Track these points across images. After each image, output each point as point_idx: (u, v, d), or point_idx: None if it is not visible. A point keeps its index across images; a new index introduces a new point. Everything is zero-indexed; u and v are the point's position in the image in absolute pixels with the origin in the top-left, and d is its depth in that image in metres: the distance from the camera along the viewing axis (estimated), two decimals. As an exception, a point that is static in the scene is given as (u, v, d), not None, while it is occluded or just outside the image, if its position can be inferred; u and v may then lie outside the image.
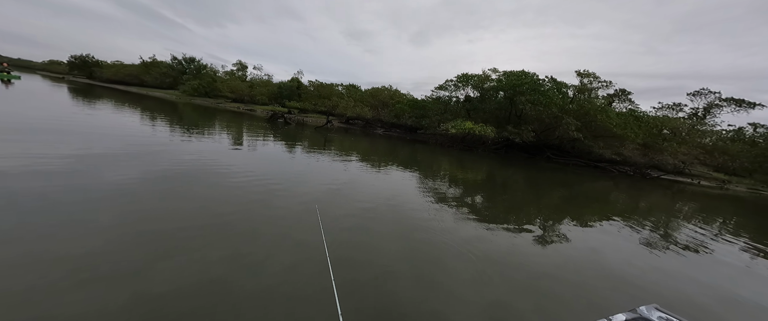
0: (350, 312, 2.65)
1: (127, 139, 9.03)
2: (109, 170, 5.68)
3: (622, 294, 3.78)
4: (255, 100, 47.05)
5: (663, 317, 1.85)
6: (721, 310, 3.74)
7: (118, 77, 61.77)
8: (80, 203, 4.15)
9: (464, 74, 28.19)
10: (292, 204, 5.30)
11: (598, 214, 8.01)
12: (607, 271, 4.35)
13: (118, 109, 17.46)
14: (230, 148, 10.28)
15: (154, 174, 5.89)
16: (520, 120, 24.22)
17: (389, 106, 34.03)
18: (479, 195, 8.78)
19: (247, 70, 61.53)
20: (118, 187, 4.93)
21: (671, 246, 5.99)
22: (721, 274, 4.94)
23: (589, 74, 26.08)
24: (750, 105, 31.85)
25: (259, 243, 3.74)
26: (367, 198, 6.36)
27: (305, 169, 8.66)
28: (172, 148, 8.62)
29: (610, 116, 21.91)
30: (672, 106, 34.91)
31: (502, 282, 3.60)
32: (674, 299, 3.80)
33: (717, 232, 7.95)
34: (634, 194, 13.58)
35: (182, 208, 4.50)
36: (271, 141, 13.79)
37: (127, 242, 3.37)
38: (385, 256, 3.85)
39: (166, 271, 2.94)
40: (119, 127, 11.10)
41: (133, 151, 7.44)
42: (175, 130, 12.40)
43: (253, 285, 2.89)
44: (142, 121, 14.15)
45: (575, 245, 5.24)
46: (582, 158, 23.70)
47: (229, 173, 6.73)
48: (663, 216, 9.30)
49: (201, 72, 53.24)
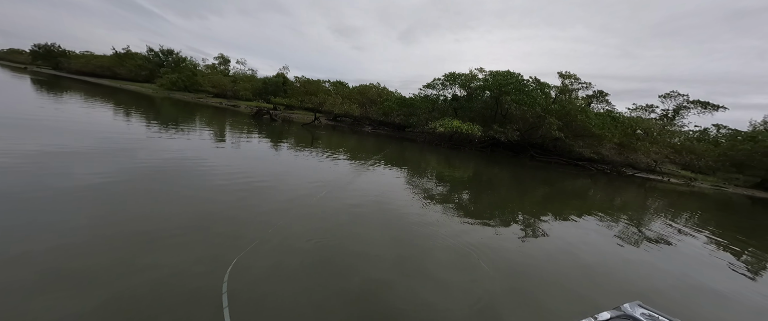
0: (339, 294, 2.60)
1: (100, 134, 8.47)
2: (80, 168, 5.30)
3: (599, 286, 3.93)
4: (238, 96, 45.57)
5: (646, 313, 1.92)
6: (684, 297, 3.99)
7: (88, 69, 57.94)
8: (49, 203, 3.83)
9: (452, 73, 28.50)
10: (278, 201, 5.15)
11: (578, 211, 8.33)
12: (584, 265, 4.51)
13: (88, 103, 16.37)
14: (214, 145, 9.88)
15: (133, 172, 5.55)
16: (505, 119, 24.81)
17: (377, 104, 33.93)
18: (466, 192, 8.92)
19: (229, 64, 59.45)
20: (91, 185, 4.60)
21: (644, 240, 6.31)
22: (686, 264, 5.26)
23: (570, 76, 27.05)
24: (714, 107, 34.18)
25: (244, 242, 3.60)
26: (357, 195, 6.31)
27: (290, 167, 8.46)
28: (151, 145, 8.17)
29: (589, 117, 22.85)
30: (645, 107, 36.88)
31: (487, 278, 3.65)
32: (648, 290, 4.00)
33: (683, 226, 8.47)
34: (611, 191, 14.24)
35: (163, 209, 4.26)
36: (257, 138, 13.39)
37: (101, 244, 3.15)
38: (375, 246, 3.82)
39: (144, 272, 2.76)
40: (91, 122, 10.40)
41: (108, 148, 6.98)
42: (152, 126, 11.77)
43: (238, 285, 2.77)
44: (115, 115, 13.34)
45: (555, 241, 5.41)
46: (563, 157, 24.62)
47: (211, 172, 6.45)
48: (637, 212, 9.80)
49: (180, 65, 50.83)
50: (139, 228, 3.63)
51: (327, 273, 3.26)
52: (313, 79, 45.67)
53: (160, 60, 54.34)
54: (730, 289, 4.46)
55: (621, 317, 1.86)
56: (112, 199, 4.31)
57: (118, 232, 3.46)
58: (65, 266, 2.77)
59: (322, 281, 3.09)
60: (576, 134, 23.54)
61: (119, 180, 5.10)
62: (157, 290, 2.63)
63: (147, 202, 4.41)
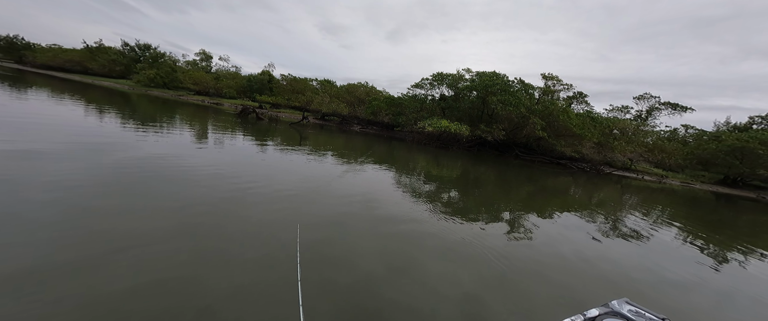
0: (320, 291, 2.59)
1: (71, 132, 7.98)
2: (51, 167, 4.98)
3: (580, 279, 4.12)
4: (221, 93, 44.16)
5: (632, 310, 2.00)
6: (654, 287, 4.28)
7: (56, 63, 54.35)
8: (14, 204, 3.58)
9: (439, 73, 28.84)
10: (268, 199, 5.04)
11: (561, 208, 8.68)
12: (566, 261, 4.72)
13: (57, 99, 15.36)
14: (198, 145, 9.53)
15: (108, 172, 5.27)
16: (492, 119, 25.38)
17: (365, 103, 33.82)
18: (455, 191, 9.08)
19: (211, 60, 57.47)
20: (62, 185, 4.33)
21: (620, 235, 6.66)
22: (657, 256, 5.61)
23: (553, 77, 27.99)
24: (683, 109, 36.37)
25: (230, 240, 3.51)
26: (346, 193, 6.31)
27: (281, 166, 8.30)
28: (129, 144, 7.78)
29: (570, 117, 23.76)
30: (621, 108, 38.75)
31: (472, 275, 3.74)
32: (622, 282, 4.25)
33: (655, 220, 9.01)
34: (591, 189, 14.90)
35: (149, 207, 4.07)
36: (243, 137, 13.04)
37: (72, 244, 2.99)
38: (360, 253, 3.82)
39: (121, 273, 2.64)
40: (61, 119, 9.77)
41: (79, 146, 6.59)
42: (129, 124, 11.20)
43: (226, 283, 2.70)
44: (87, 112, 12.59)
45: (540, 237, 5.63)
46: (546, 155, 25.50)
47: (196, 171, 6.24)
48: (614, 208, 10.31)
49: (158, 61, 48.58)
50: (129, 226, 3.46)
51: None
52: (300, 77, 44.91)
53: (136, 55, 51.76)
54: (694, 278, 4.80)
55: (609, 314, 1.93)
56: (94, 198, 4.08)
57: (96, 231, 3.29)
58: (33, 268, 2.59)
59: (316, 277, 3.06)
60: (558, 134, 24.43)
61: (98, 178, 4.83)
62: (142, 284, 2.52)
63: (143, 203, 4.20)
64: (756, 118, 36.10)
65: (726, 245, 7.35)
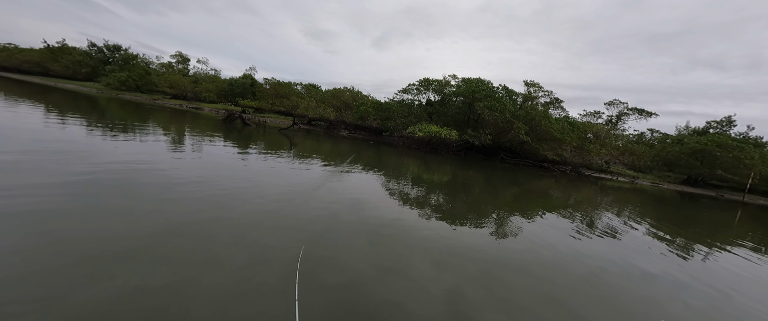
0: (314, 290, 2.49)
1: (29, 140, 7.25)
2: (6, 178, 4.49)
3: (563, 279, 4.24)
4: (200, 97, 42.37)
5: None
6: (623, 278, 4.57)
7: (12, 64, 49.99)
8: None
9: (426, 79, 29.31)
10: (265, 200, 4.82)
11: (544, 208, 9.08)
12: (549, 257, 4.96)
13: (11, 104, 13.99)
14: (189, 154, 9.01)
15: (77, 184, 4.83)
16: (478, 124, 26.05)
17: (352, 108, 33.65)
18: (444, 193, 9.20)
19: (189, 63, 55.10)
20: (22, 198, 3.92)
21: (595, 234, 6.97)
22: (629, 251, 6.01)
23: (534, 84, 29.23)
24: (648, 114, 39.22)
25: (222, 244, 3.30)
26: (338, 196, 6.36)
27: (278, 174, 8.01)
28: (101, 155, 7.19)
29: (551, 122, 24.87)
30: (593, 113, 41.14)
31: (459, 274, 3.82)
32: (598, 270, 4.53)
33: (627, 219, 9.57)
34: (572, 190, 15.59)
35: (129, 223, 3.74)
36: (234, 146, 12.50)
37: (40, 266, 2.73)
38: (352, 255, 3.77)
39: (97, 293, 2.39)
40: (19, 126, 8.88)
41: (38, 156, 5.99)
42: (98, 131, 10.41)
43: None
44: (47, 118, 11.55)
45: (526, 236, 5.87)
46: (530, 159, 26.47)
47: (182, 184, 5.87)
48: (592, 208, 10.84)
49: (130, 62, 45.88)
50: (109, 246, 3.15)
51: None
52: (283, 81, 43.95)
53: (104, 56, 48.59)
54: (661, 270, 5.17)
55: None
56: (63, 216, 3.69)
57: (63, 251, 2.97)
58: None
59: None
60: (540, 138, 25.46)
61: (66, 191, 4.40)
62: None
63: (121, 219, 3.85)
64: (712, 122, 39.55)
65: (692, 239, 8.04)
